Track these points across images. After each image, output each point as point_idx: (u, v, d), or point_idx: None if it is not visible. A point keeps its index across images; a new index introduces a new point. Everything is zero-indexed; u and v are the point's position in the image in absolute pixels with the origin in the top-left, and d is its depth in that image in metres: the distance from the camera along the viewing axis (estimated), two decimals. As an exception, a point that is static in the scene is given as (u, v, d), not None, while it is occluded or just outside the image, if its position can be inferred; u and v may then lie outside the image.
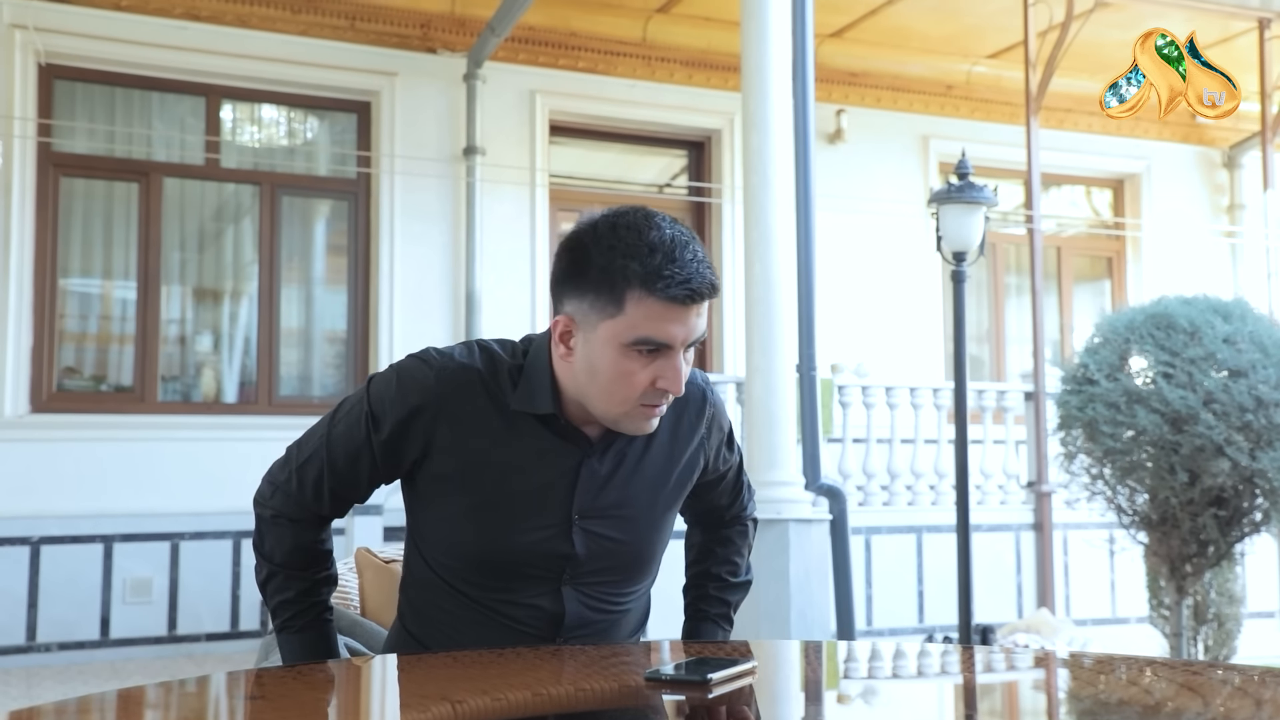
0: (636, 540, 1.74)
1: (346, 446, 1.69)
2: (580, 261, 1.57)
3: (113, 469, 6.50)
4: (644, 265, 1.53)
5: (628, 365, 1.57)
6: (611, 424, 1.64)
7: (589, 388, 1.61)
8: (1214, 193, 9.50)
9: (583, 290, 1.57)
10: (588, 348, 1.58)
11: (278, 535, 1.73)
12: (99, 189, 6.96)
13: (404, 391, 1.66)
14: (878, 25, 7.98)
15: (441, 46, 7.41)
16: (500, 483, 1.65)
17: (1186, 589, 5.06)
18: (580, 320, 1.59)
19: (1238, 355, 4.76)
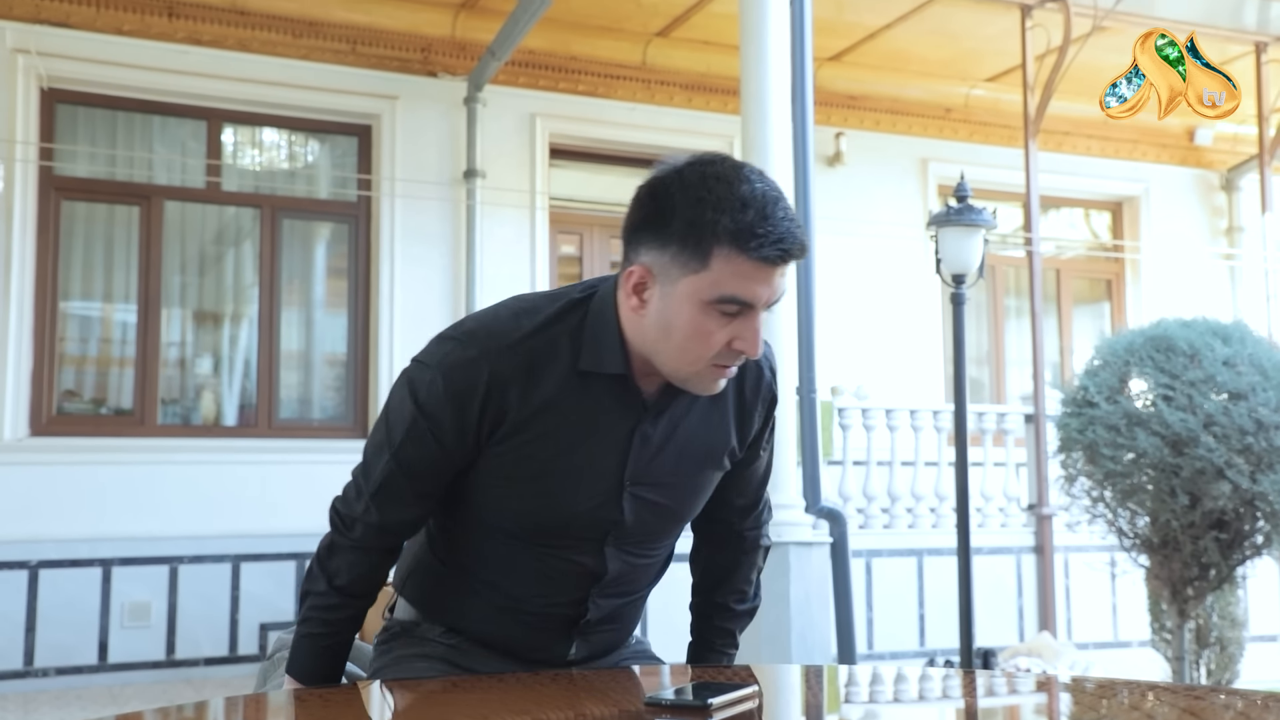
0: (679, 505, 1.71)
1: (419, 462, 1.62)
2: (665, 210, 1.49)
3: (112, 492, 6.48)
4: (735, 221, 1.45)
5: (706, 324, 1.50)
6: (680, 382, 1.57)
7: (661, 344, 1.53)
8: (1212, 215, 9.52)
9: (665, 241, 1.48)
10: (664, 302, 1.50)
11: (351, 561, 1.67)
12: (100, 212, 6.97)
13: (453, 391, 1.57)
14: (876, 49, 8.02)
15: (442, 70, 7.44)
16: (556, 452, 1.59)
17: (1188, 612, 5.05)
18: (659, 272, 1.50)
19: (1238, 378, 4.76)
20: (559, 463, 1.60)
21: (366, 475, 1.66)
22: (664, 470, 1.65)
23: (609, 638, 1.80)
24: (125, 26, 6.78)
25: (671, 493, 1.68)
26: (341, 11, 7.17)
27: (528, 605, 1.71)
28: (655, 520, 1.69)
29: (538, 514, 1.64)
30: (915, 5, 7.45)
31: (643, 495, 1.65)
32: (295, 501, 6.72)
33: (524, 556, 1.67)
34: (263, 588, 6.63)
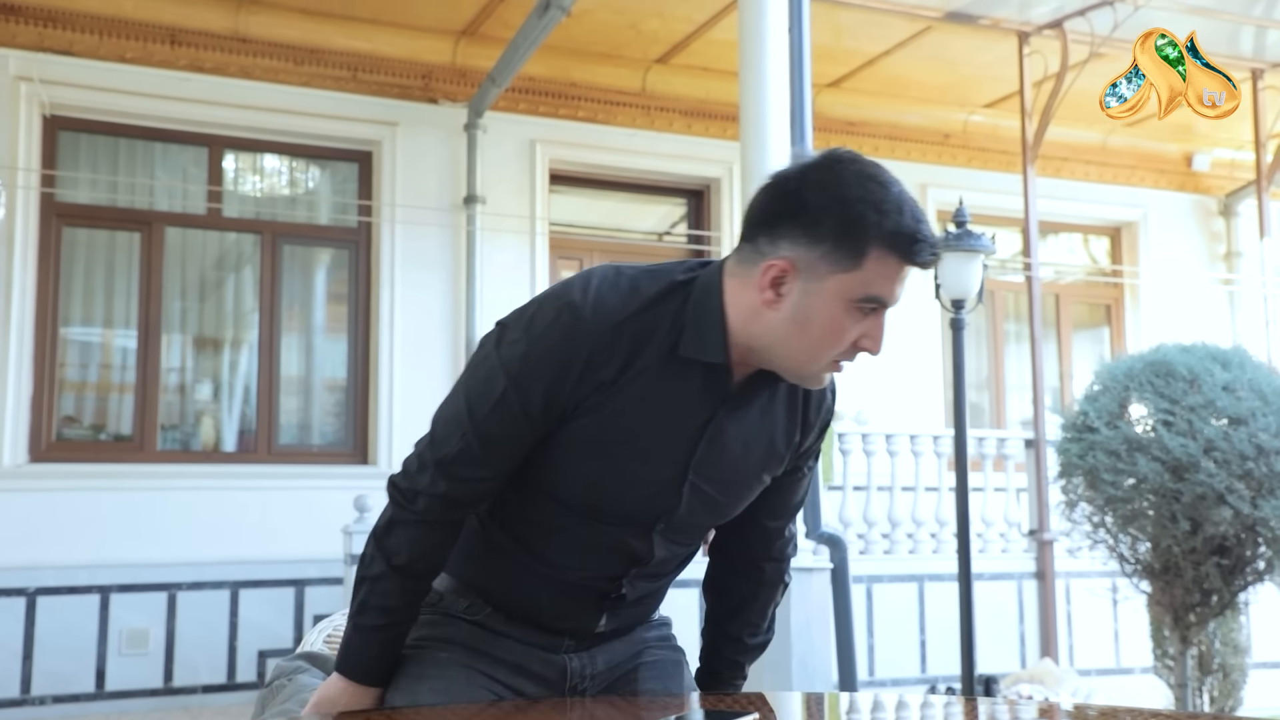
0: (730, 501, 1.70)
1: (500, 434, 1.56)
2: (817, 207, 1.46)
3: (111, 519, 6.47)
4: (891, 222, 1.45)
5: (845, 321, 1.50)
6: (793, 375, 1.57)
7: (792, 339, 1.52)
8: (1211, 240, 9.54)
9: (816, 238, 1.46)
10: (807, 298, 1.48)
11: (413, 538, 1.60)
12: (101, 238, 6.99)
13: (550, 364, 1.52)
14: (875, 75, 8.06)
15: (442, 97, 7.48)
16: (633, 433, 1.57)
17: (1191, 639, 5.03)
18: (803, 268, 1.48)
19: (1237, 403, 4.76)
20: (634, 444, 1.58)
21: (436, 446, 1.59)
22: (725, 465, 1.64)
23: (637, 613, 1.78)
24: (128, 54, 6.82)
25: (726, 488, 1.67)
26: (343, 39, 7.21)
27: (566, 575, 1.68)
28: (704, 512, 1.68)
29: (600, 491, 1.62)
30: (913, 32, 7.49)
31: (701, 486, 1.64)
32: (295, 528, 6.71)
33: (573, 529, 1.65)
34: (261, 615, 6.60)
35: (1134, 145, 9.23)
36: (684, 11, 7.14)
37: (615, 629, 1.76)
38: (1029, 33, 7.45)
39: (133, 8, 6.77)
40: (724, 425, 1.61)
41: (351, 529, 5.81)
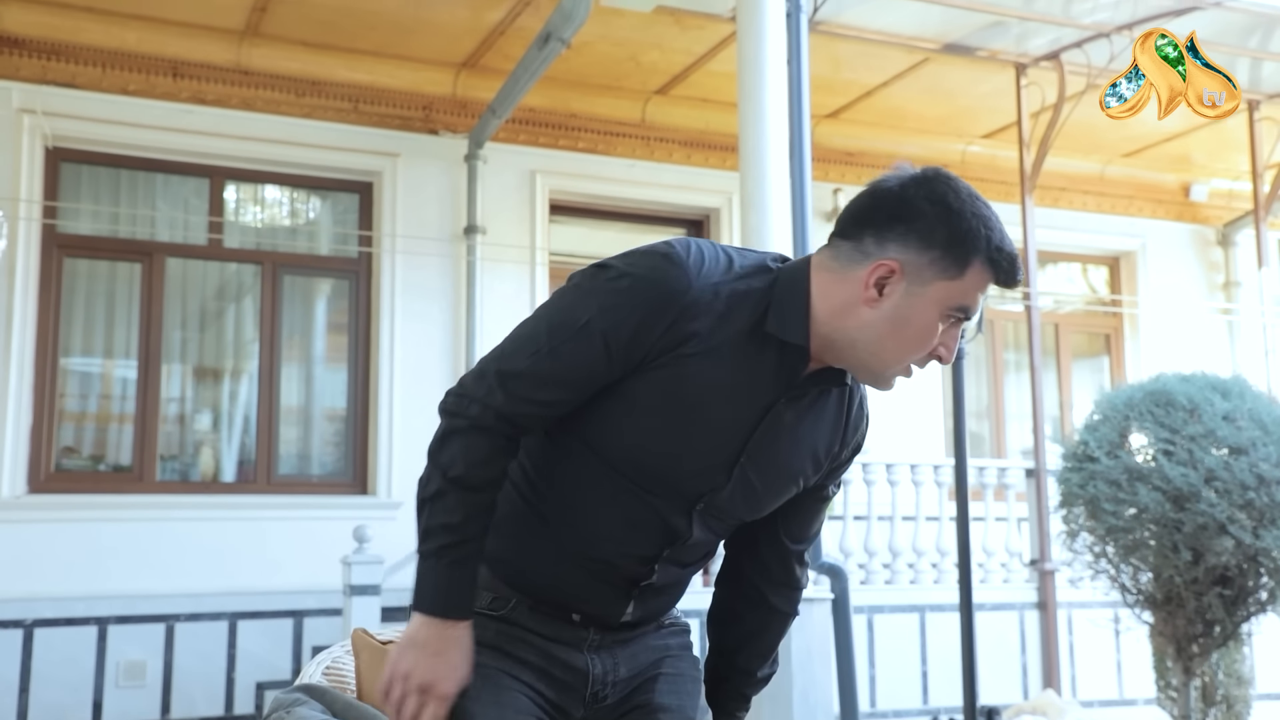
0: (768, 496, 1.70)
1: (574, 363, 1.56)
2: (932, 215, 1.54)
3: (109, 550, 6.45)
4: (992, 239, 1.55)
5: (936, 325, 1.57)
6: (870, 373, 1.63)
7: (883, 337, 1.57)
8: (1209, 270, 9.56)
9: (930, 244, 1.54)
10: (909, 299, 1.55)
11: (467, 444, 1.57)
12: (102, 269, 7.01)
13: (648, 301, 1.55)
14: (873, 106, 8.11)
15: (443, 128, 7.52)
16: (703, 400, 1.59)
17: (1194, 670, 5.00)
18: (910, 272, 1.55)
19: (1238, 433, 4.76)
20: (699, 410, 1.59)
21: (503, 359, 1.60)
22: (776, 454, 1.66)
23: (660, 603, 1.77)
24: (130, 86, 6.86)
25: (770, 480, 1.68)
26: (344, 71, 7.26)
27: (599, 551, 1.66)
28: (742, 501, 1.69)
29: (654, 454, 1.62)
30: (911, 64, 7.54)
31: (748, 471, 1.65)
32: (294, 558, 6.69)
33: (617, 497, 1.64)
34: (259, 646, 6.57)
35: (1132, 175, 9.27)
36: (683, 44, 7.19)
37: (640, 619, 1.75)
38: (1026, 64, 7.50)
39: (136, 41, 6.82)
40: (782, 413, 1.64)
41: (351, 559, 5.79)
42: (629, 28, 6.87)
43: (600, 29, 6.70)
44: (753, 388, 1.61)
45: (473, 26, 6.96)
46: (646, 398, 1.58)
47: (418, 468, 1.65)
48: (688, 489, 1.65)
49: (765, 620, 1.87)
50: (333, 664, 2.03)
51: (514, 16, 6.78)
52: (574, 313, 1.58)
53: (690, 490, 1.65)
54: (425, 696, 1.57)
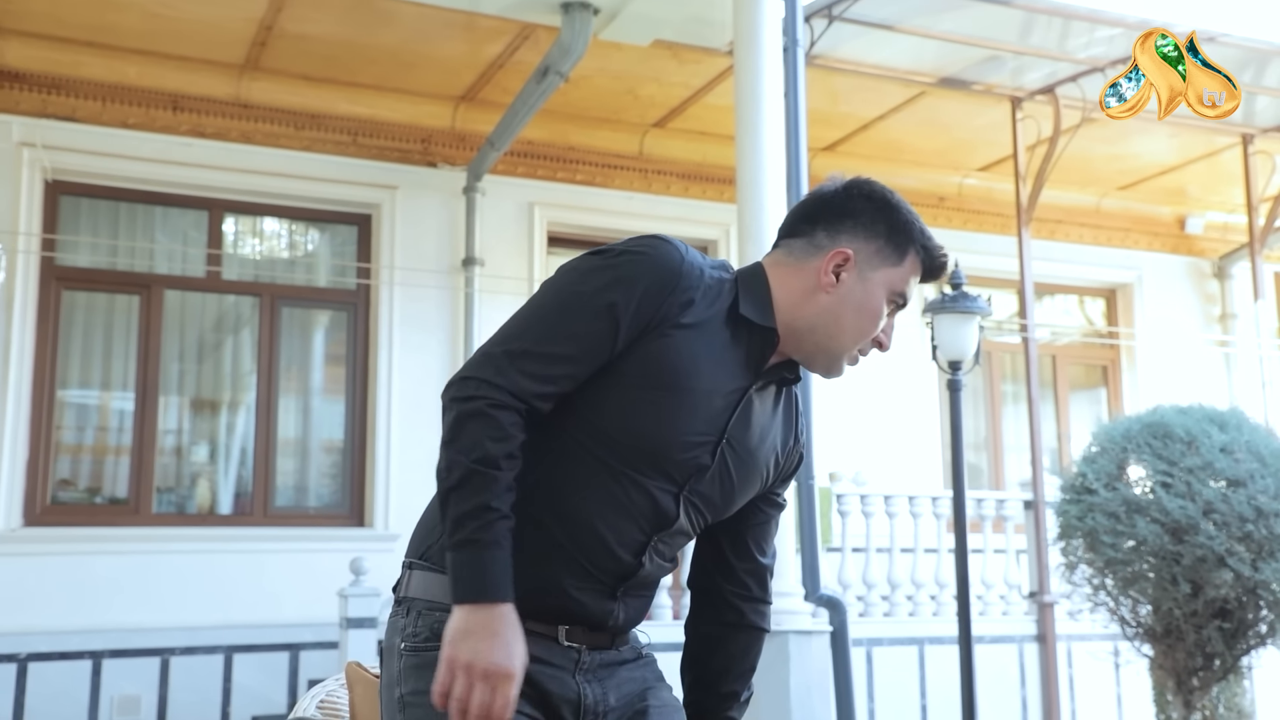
0: (741, 486, 1.78)
1: (583, 340, 1.62)
2: (875, 211, 1.77)
3: (104, 583, 6.41)
4: (923, 236, 1.78)
5: (881, 309, 1.77)
6: (822, 358, 1.78)
7: (840, 319, 1.75)
8: (1205, 302, 9.58)
9: (874, 235, 1.76)
10: (861, 285, 1.75)
11: (485, 424, 1.57)
12: (100, 301, 7.01)
13: (655, 273, 1.66)
14: (870, 139, 8.15)
15: (442, 160, 7.55)
16: (690, 374, 1.67)
17: (1194, 703, 4.97)
18: (861, 260, 1.75)
19: (1235, 465, 4.75)
20: (688, 383, 1.67)
21: (506, 340, 1.64)
22: (749, 439, 1.76)
23: (639, 609, 1.79)
24: (130, 120, 6.89)
25: (744, 467, 1.76)
26: (344, 104, 7.30)
27: (590, 543, 1.67)
28: (719, 490, 1.75)
29: (646, 430, 1.67)
30: (908, 97, 7.59)
31: (728, 456, 1.73)
32: (290, 591, 6.66)
33: (608, 484, 1.66)
34: (255, 680, 6.53)
35: (1127, 208, 9.31)
36: (681, 77, 7.24)
37: (622, 625, 1.75)
38: (1021, 98, 7.55)
39: (135, 75, 6.86)
40: (752, 400, 1.75)
41: (347, 592, 5.76)
42: (627, 61, 6.92)
43: (598, 63, 6.75)
44: (729, 369, 1.71)
45: (471, 60, 7.01)
46: (639, 372, 1.65)
47: (416, 500, 1.64)
48: (676, 470, 1.69)
49: (748, 640, 1.93)
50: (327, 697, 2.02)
51: (512, 50, 6.83)
52: (578, 290, 1.65)
53: (678, 471, 1.70)
54: (492, 681, 1.53)
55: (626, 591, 1.73)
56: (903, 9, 6.51)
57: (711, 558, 1.90)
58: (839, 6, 6.38)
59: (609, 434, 1.66)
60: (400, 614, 1.72)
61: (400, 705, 1.66)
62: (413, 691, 1.64)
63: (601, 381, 1.65)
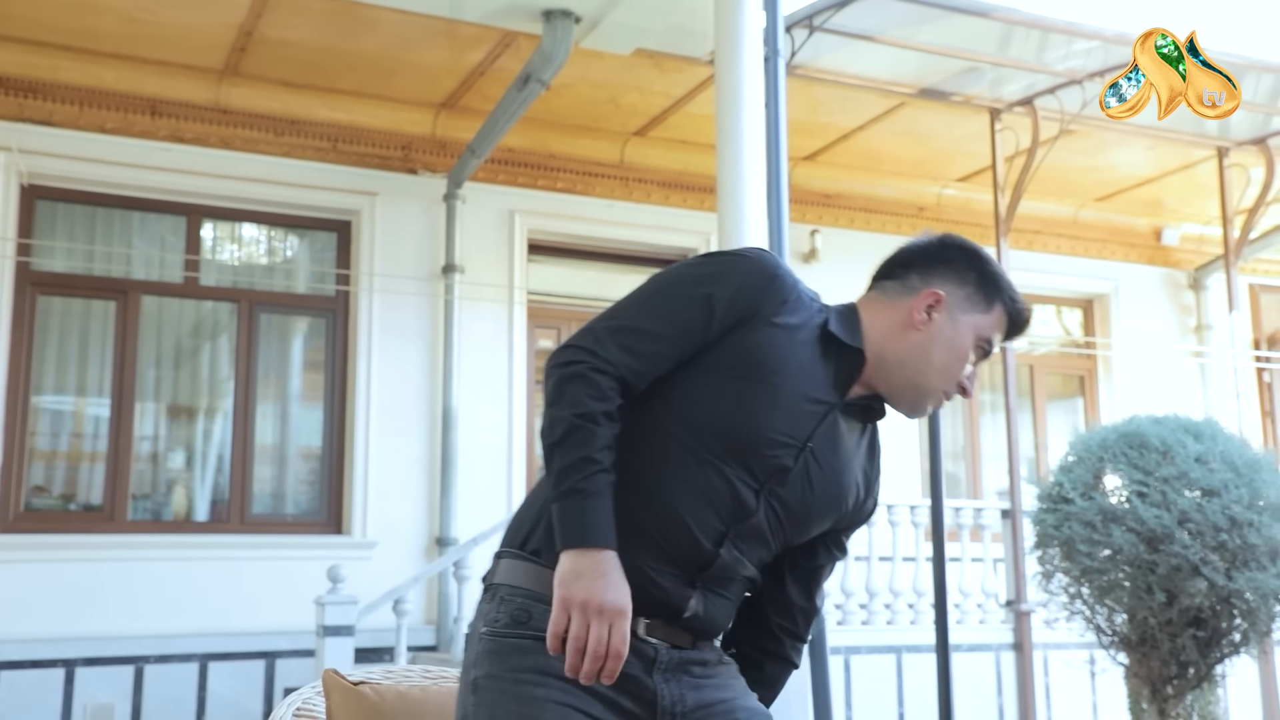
0: (817, 511, 1.81)
1: (678, 319, 1.72)
2: (965, 260, 1.87)
3: (79, 590, 6.36)
4: (1011, 289, 1.89)
5: (968, 352, 1.86)
6: (908, 397, 1.85)
7: (928, 355, 1.83)
8: (1181, 313, 9.66)
9: (965, 281, 1.85)
10: (950, 325, 1.84)
11: (588, 384, 1.65)
12: (76, 307, 6.96)
13: (755, 273, 1.77)
14: (850, 150, 8.19)
15: (422, 167, 7.54)
16: (781, 369, 1.74)
17: (1168, 712, 5.00)
18: (952, 302, 1.84)
19: (1210, 475, 4.79)
20: (777, 380, 1.74)
21: (610, 317, 1.73)
22: (833, 458, 1.81)
23: (719, 611, 1.78)
24: (108, 124, 6.85)
25: (824, 483, 1.80)
26: (324, 110, 7.28)
27: (672, 526, 1.69)
28: (798, 499, 1.77)
29: (733, 419, 1.72)
30: (887, 108, 7.62)
31: (810, 466, 1.77)
32: (267, 598, 6.62)
33: (691, 469, 1.71)
34: (230, 688, 6.48)
35: (1105, 219, 9.38)
36: (662, 86, 7.25)
37: (701, 616, 1.74)
38: (1000, 109, 7.60)
39: (113, 79, 6.82)
40: (838, 421, 1.81)
41: (324, 600, 5.73)
42: (608, 70, 6.94)
43: (579, 71, 6.76)
44: (819, 380, 1.78)
45: (453, 67, 7.00)
46: (730, 362, 1.73)
47: (394, 507, 1.65)
48: (758, 465, 1.73)
49: (779, 671, 1.97)
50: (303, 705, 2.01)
51: (494, 58, 6.84)
52: (680, 279, 1.77)
53: (760, 466, 1.73)
54: (608, 618, 1.57)
55: (705, 583, 1.73)
56: (883, 20, 6.55)
57: (769, 586, 1.90)
58: (820, 17, 6.40)
59: (697, 420, 1.72)
60: (486, 600, 1.76)
61: (473, 688, 1.68)
62: (486, 675, 1.67)
63: (693, 369, 1.73)
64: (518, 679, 1.64)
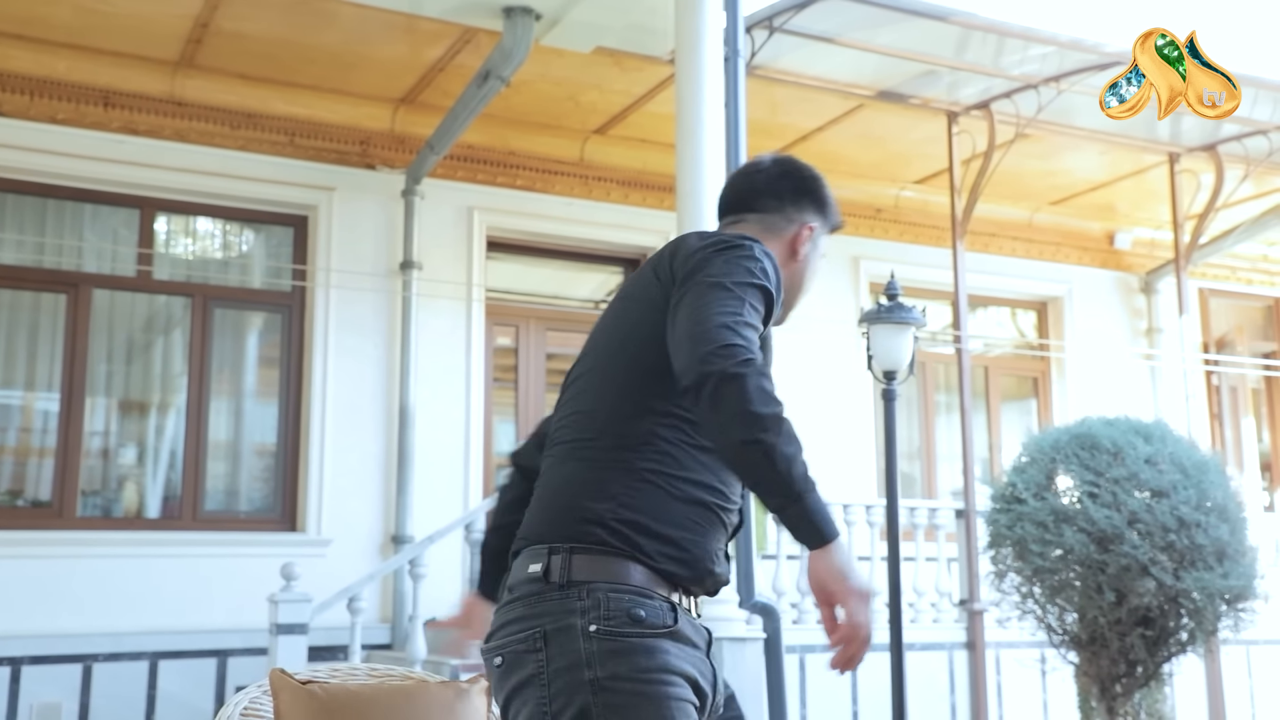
0: None
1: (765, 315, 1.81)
2: (822, 189, 2.09)
3: (25, 587, 6.25)
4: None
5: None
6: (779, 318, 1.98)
7: (802, 286, 2.06)
8: (1133, 316, 9.79)
9: (821, 209, 2.08)
10: (815, 251, 2.07)
11: (766, 382, 1.67)
12: (26, 300, 6.85)
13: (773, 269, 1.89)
14: (808, 151, 8.22)
15: (380, 163, 7.48)
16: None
17: (1117, 709, 5.07)
18: (817, 230, 2.06)
19: (1159, 476, 4.86)
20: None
21: (734, 317, 1.72)
22: None
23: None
24: (59, 115, 6.75)
25: None
26: (281, 104, 7.21)
27: (729, 495, 1.82)
28: None
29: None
30: (845, 110, 7.67)
31: None
32: (219, 597, 6.55)
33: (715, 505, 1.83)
34: (181, 688, 6.40)
35: (1059, 223, 9.49)
36: (622, 85, 7.25)
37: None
38: (957, 113, 7.67)
39: (65, 69, 6.71)
40: None
41: (278, 597, 5.68)
42: (568, 68, 6.92)
43: (540, 68, 6.74)
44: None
45: (412, 63, 6.96)
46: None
47: (349, 505, 1.64)
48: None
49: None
50: (250, 704, 2.00)
51: (453, 54, 6.80)
52: (753, 279, 1.80)
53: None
54: (868, 600, 1.68)
55: (731, 542, 1.89)
56: (843, 22, 6.58)
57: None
58: (780, 18, 6.43)
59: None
60: (574, 596, 1.69)
61: (595, 689, 1.64)
62: (611, 676, 1.64)
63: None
64: (650, 679, 1.65)
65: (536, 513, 1.79)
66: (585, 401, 1.81)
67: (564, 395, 1.89)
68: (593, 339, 1.92)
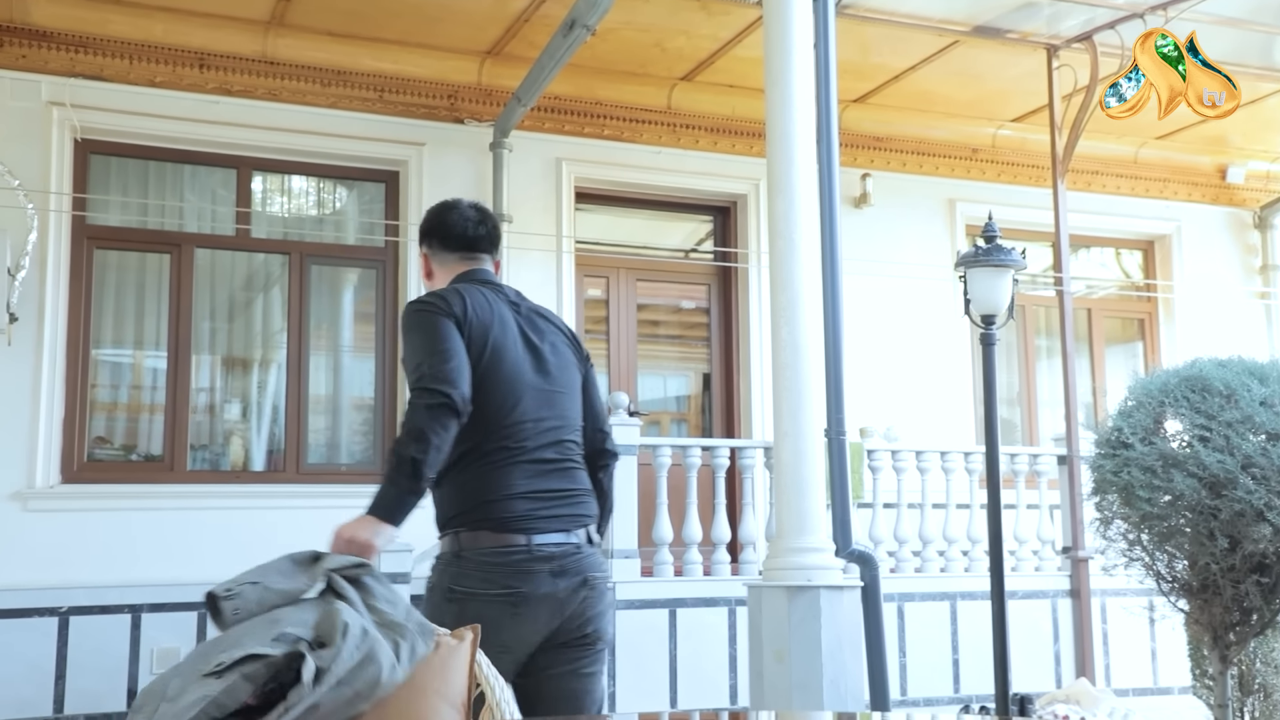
0: None
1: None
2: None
3: (141, 539, 6.49)
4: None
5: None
6: None
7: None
8: (1246, 253, 9.42)
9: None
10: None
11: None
12: (131, 260, 7.04)
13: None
14: (901, 91, 8.03)
15: (468, 116, 7.50)
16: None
17: (1230, 658, 4.93)
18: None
19: (1275, 418, 4.67)
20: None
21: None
22: None
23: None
24: (157, 78, 6.88)
25: None
26: (369, 60, 7.26)
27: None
28: None
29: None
30: (940, 47, 7.45)
31: None
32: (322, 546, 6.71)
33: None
34: (290, 634, 6.60)
35: (1166, 158, 9.14)
36: (709, 29, 7.14)
37: None
38: (1058, 46, 7.40)
39: (162, 32, 6.84)
40: None
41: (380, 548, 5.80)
42: (654, 14, 6.83)
43: (625, 15, 6.66)
44: None
45: (497, 14, 6.94)
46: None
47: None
48: None
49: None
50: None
51: (539, 4, 6.76)
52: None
53: None
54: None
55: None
56: (936, -45, 6.38)
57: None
58: (871, -46, 6.25)
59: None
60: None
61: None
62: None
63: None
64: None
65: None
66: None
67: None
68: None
